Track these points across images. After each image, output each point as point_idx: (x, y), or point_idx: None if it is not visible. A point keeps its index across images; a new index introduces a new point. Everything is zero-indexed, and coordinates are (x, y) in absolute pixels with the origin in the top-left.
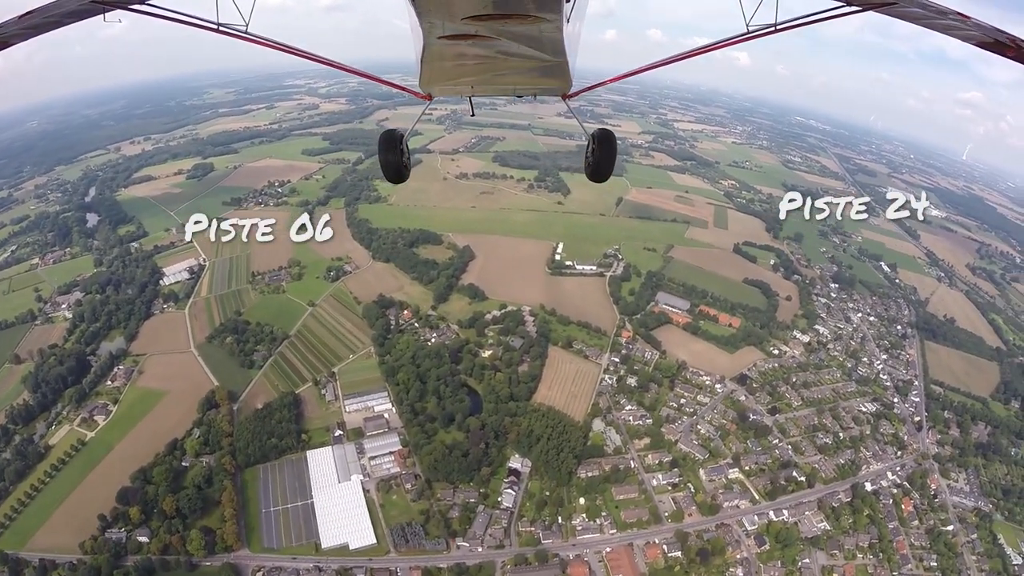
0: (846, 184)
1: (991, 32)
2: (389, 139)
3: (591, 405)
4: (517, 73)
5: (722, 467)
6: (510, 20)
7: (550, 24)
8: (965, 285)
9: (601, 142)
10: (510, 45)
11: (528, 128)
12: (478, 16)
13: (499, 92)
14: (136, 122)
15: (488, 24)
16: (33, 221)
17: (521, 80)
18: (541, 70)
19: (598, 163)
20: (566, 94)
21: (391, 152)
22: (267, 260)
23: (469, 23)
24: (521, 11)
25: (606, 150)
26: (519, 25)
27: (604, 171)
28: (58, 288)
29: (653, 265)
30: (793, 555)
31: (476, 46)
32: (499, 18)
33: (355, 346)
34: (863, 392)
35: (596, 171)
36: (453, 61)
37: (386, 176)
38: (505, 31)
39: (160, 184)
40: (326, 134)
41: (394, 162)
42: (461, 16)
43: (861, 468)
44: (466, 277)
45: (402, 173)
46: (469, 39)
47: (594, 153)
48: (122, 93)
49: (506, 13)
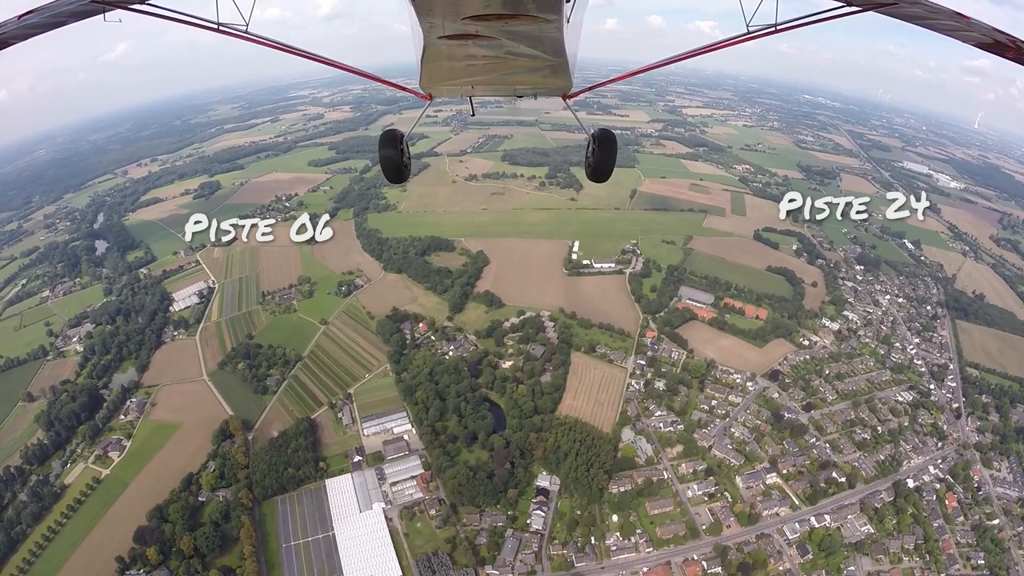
0: (861, 161)
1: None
2: (389, 139)
3: (619, 413)
4: (517, 73)
5: (759, 472)
6: (510, 20)
7: (550, 24)
8: (991, 258)
9: (601, 142)
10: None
11: (535, 124)
12: (478, 16)
13: (499, 92)
14: (142, 144)
15: (488, 24)
16: (43, 252)
17: (521, 80)
18: (541, 70)
19: (598, 163)
20: (566, 94)
21: (391, 151)
22: (277, 279)
23: (469, 23)
24: (521, 11)
25: (606, 150)
26: (519, 25)
27: (604, 171)
28: (68, 321)
29: (673, 259)
30: (837, 563)
31: (476, 46)
32: (499, 18)
33: (370, 364)
34: (898, 380)
35: (596, 171)
36: (453, 61)
37: (386, 176)
38: (505, 31)
39: (167, 206)
40: (332, 143)
41: (394, 162)
42: (461, 16)
43: (902, 464)
44: (481, 284)
45: (402, 173)
46: (469, 39)
47: (594, 153)
48: (128, 116)
49: (506, 13)
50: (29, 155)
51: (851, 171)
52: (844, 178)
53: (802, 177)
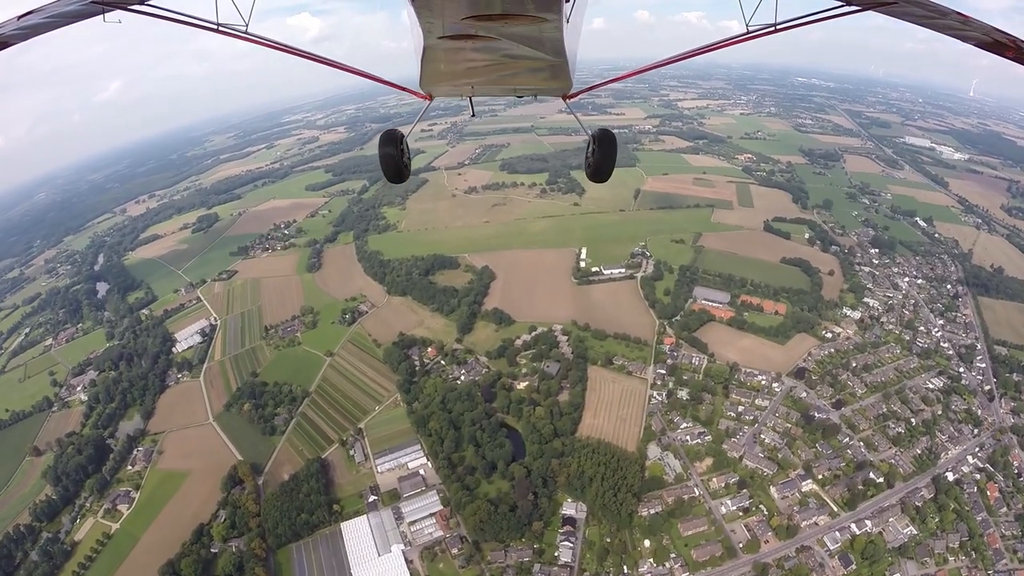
0: (862, 140)
1: (991, 32)
2: (389, 138)
3: (643, 429)
4: (517, 73)
5: (794, 480)
6: (510, 20)
7: (550, 24)
8: (1004, 228)
9: (601, 142)
10: (510, 45)
11: (531, 130)
12: (478, 16)
13: (499, 92)
14: (140, 180)
15: (488, 24)
16: (44, 299)
17: (521, 80)
18: (541, 70)
19: (599, 163)
20: (566, 94)
21: (390, 151)
22: (279, 311)
23: (469, 23)
24: (521, 11)
25: (606, 150)
26: (519, 25)
27: (604, 171)
28: (72, 369)
29: (684, 258)
30: (882, 571)
31: (476, 46)
32: (499, 18)
33: (380, 395)
34: (927, 366)
35: (596, 171)
36: (453, 61)
37: (386, 176)
38: (505, 31)
39: (167, 242)
40: (328, 166)
41: (394, 161)
42: (461, 16)
43: (939, 456)
44: (489, 301)
45: (402, 172)
46: (469, 39)
47: (594, 153)
48: (125, 153)
49: (506, 13)
50: (30, 199)
51: (854, 151)
52: (848, 159)
53: (805, 162)
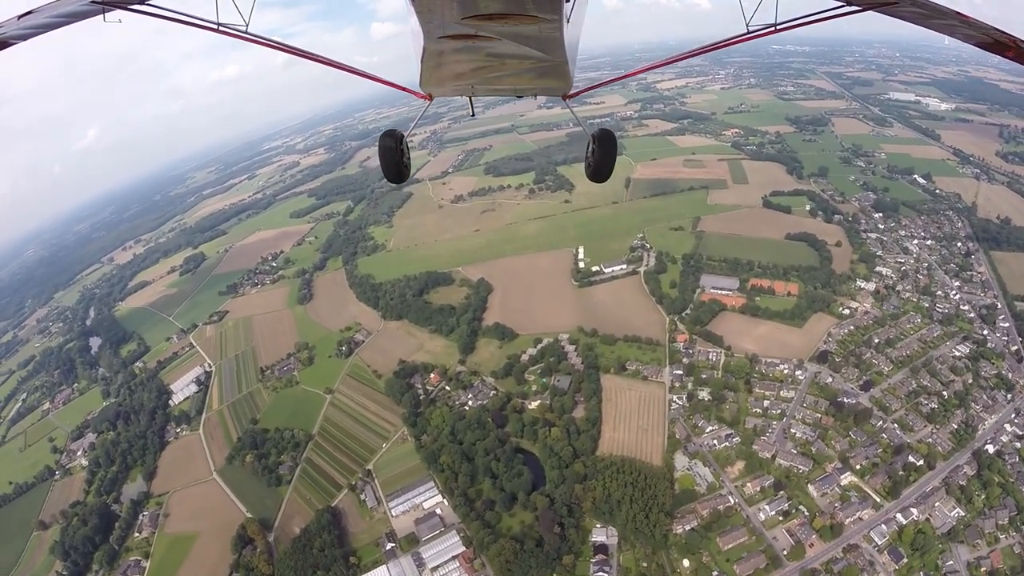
0: (847, 101)
1: (991, 32)
2: (388, 138)
3: (667, 438)
4: (517, 73)
5: (831, 475)
6: (510, 20)
7: (550, 24)
8: (1003, 176)
9: (601, 142)
10: (510, 45)
11: (512, 129)
12: (478, 16)
13: (499, 92)
14: (125, 226)
15: (488, 24)
16: (39, 361)
17: (521, 80)
18: (541, 70)
19: (599, 164)
20: (566, 94)
21: (390, 152)
22: (273, 349)
23: (469, 23)
24: (521, 11)
25: (606, 150)
26: (519, 25)
27: (605, 172)
28: (71, 434)
29: (685, 246)
30: (934, 560)
31: (476, 46)
32: (499, 18)
33: (386, 432)
34: (950, 333)
35: (597, 171)
36: (453, 61)
37: (386, 176)
38: (505, 31)
39: (156, 288)
40: (311, 190)
41: (394, 162)
42: (461, 16)
43: (977, 428)
44: (489, 315)
45: (402, 173)
46: (469, 39)
47: (594, 153)
48: (109, 199)
49: (506, 13)
50: (19, 257)
51: (840, 114)
52: (836, 122)
53: (794, 130)
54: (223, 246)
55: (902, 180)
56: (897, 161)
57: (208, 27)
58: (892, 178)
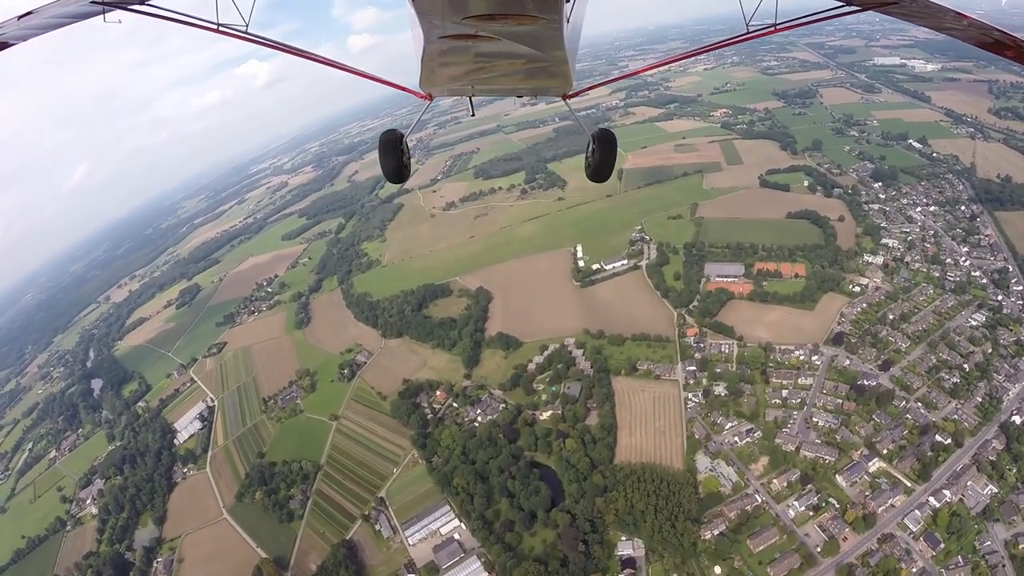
0: (832, 71)
1: (991, 32)
2: (389, 139)
3: (686, 439)
4: (517, 73)
5: (859, 462)
6: (510, 20)
7: (550, 24)
8: (998, 133)
9: (601, 142)
10: (510, 45)
11: (498, 130)
12: (478, 16)
13: (500, 92)
14: (120, 263)
15: (488, 24)
16: (42, 408)
17: (521, 80)
18: (542, 70)
19: (599, 164)
20: (566, 94)
21: (391, 152)
22: (275, 378)
23: (469, 23)
24: (521, 11)
25: (606, 150)
26: (519, 25)
27: (605, 172)
28: (78, 481)
29: (686, 235)
30: (971, 541)
31: (476, 46)
32: (499, 18)
33: (395, 456)
34: (964, 302)
35: (597, 172)
36: (453, 61)
37: (386, 176)
38: (505, 31)
39: (153, 324)
40: (301, 210)
41: (394, 162)
42: (461, 16)
43: (1002, 400)
44: (491, 325)
45: (402, 173)
46: (469, 39)
47: (595, 154)
48: (103, 236)
49: (506, 13)
50: (17, 302)
51: (827, 84)
52: (824, 93)
53: (782, 105)
54: (217, 275)
55: (897, 146)
56: (890, 127)
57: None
58: (887, 145)
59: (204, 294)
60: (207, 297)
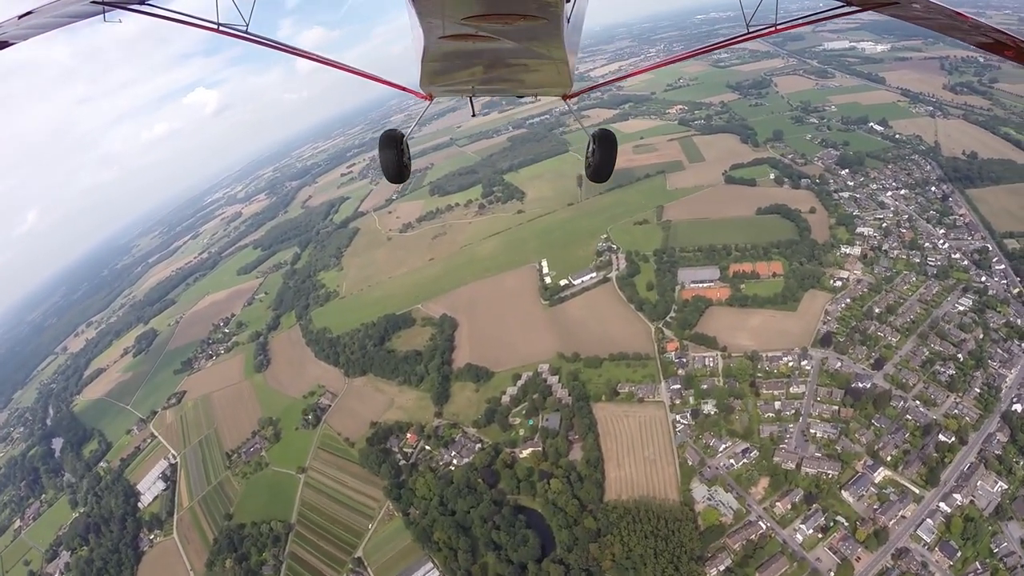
0: (783, 59)
1: (991, 32)
2: (389, 139)
3: (678, 466)
4: (518, 73)
5: (863, 474)
6: (511, 20)
7: (550, 24)
8: (957, 109)
9: (601, 142)
10: (511, 46)
11: (451, 143)
12: (478, 16)
13: (499, 92)
14: (76, 309)
15: (489, 24)
16: (3, 474)
17: (521, 80)
18: (541, 70)
19: (599, 164)
20: (566, 94)
21: (391, 152)
22: (237, 429)
23: (469, 23)
24: (522, 11)
25: (606, 150)
26: (519, 25)
27: (605, 172)
28: (44, 554)
29: (654, 241)
30: (987, 545)
31: (476, 46)
32: (500, 18)
33: (370, 510)
34: (949, 287)
35: (597, 172)
36: (453, 61)
37: (387, 176)
38: (505, 31)
39: (111, 375)
40: (256, 241)
41: (394, 162)
42: (461, 16)
43: (1000, 388)
44: (458, 356)
45: (403, 173)
46: (469, 39)
47: (595, 154)
48: (60, 280)
49: (507, 13)
50: None
51: (780, 72)
52: (778, 82)
53: (738, 97)
54: (174, 317)
55: (859, 130)
56: (849, 111)
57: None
58: (849, 130)
59: (161, 339)
60: (164, 342)
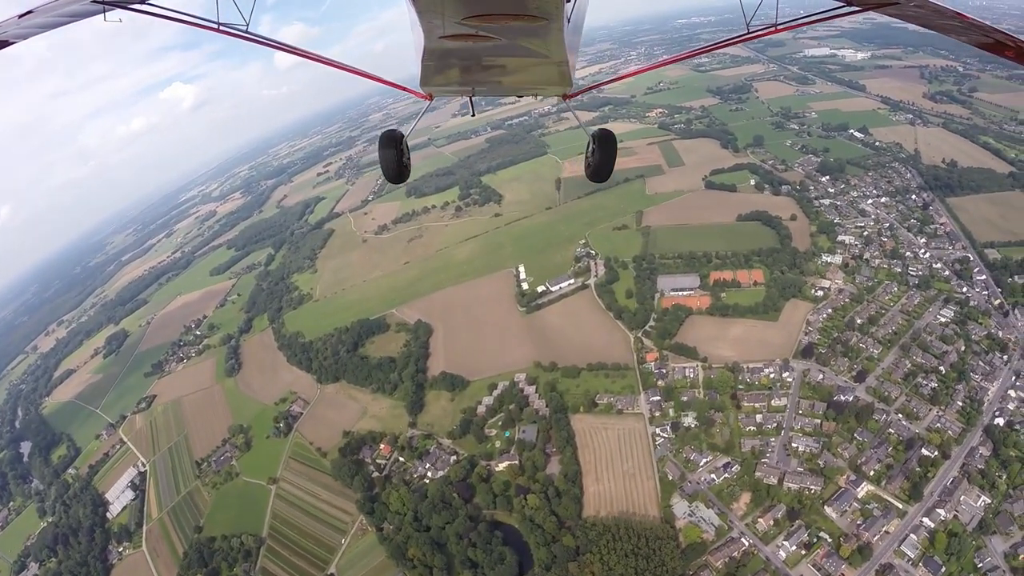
0: (764, 65)
1: (991, 32)
2: (389, 139)
3: (658, 481)
4: (517, 73)
5: (847, 489)
6: (511, 20)
7: (551, 24)
8: (936, 117)
9: (601, 142)
10: (511, 45)
11: (429, 144)
12: (479, 16)
13: (500, 92)
14: (47, 307)
15: (488, 24)
16: None
17: (521, 80)
18: (542, 70)
19: (599, 164)
20: (567, 94)
21: (391, 152)
22: (207, 435)
23: (469, 23)
24: (522, 11)
25: (606, 150)
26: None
27: (605, 172)
28: (12, 565)
29: (634, 247)
30: (971, 560)
31: (476, 46)
32: (500, 18)
33: (342, 524)
34: (930, 298)
35: (597, 172)
36: (454, 61)
37: (386, 176)
38: (506, 31)
39: (81, 376)
40: (230, 240)
41: (394, 162)
42: (462, 16)
43: (982, 401)
44: (433, 363)
45: (403, 173)
46: (469, 39)
47: (595, 154)
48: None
49: (507, 13)
50: None
51: (761, 78)
52: (759, 87)
53: (718, 101)
54: (145, 318)
55: (839, 137)
56: (829, 118)
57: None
58: (829, 136)
59: (132, 340)
60: (135, 343)
